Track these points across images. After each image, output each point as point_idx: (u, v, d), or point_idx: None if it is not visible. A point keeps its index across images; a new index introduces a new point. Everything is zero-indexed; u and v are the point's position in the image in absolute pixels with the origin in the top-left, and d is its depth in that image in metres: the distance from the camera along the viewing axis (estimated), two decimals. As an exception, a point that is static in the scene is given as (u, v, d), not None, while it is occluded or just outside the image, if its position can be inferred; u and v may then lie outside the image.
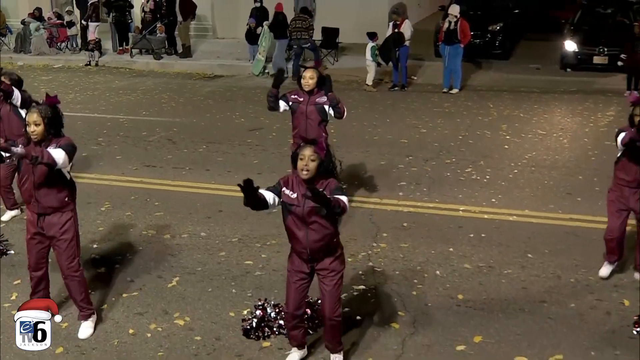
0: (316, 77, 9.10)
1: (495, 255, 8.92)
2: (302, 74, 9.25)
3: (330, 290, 6.19)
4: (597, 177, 11.55)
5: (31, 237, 6.91)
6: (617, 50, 19.27)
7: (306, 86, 9.08)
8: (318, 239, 6.01)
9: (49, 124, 6.53)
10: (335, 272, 6.18)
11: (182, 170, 12.34)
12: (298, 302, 6.30)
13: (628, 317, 7.34)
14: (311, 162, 5.84)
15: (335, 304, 6.23)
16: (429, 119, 15.96)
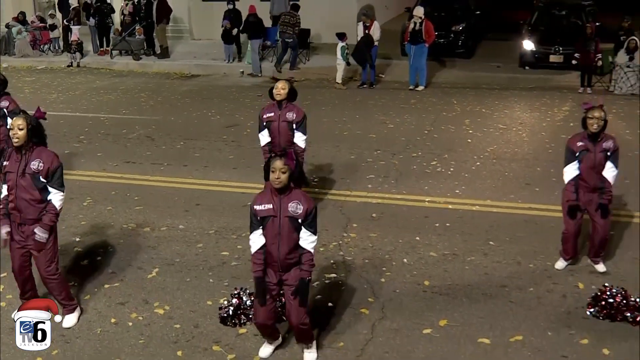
0: (288, 88, 9.00)
1: (459, 244, 8.95)
2: (275, 84, 9.15)
3: (296, 301, 6.11)
4: (554, 168, 11.58)
5: (13, 242, 6.85)
6: (571, 49, 19.41)
7: (278, 96, 8.99)
8: (289, 251, 5.99)
9: (32, 130, 6.55)
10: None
11: (161, 166, 12.27)
12: (268, 314, 6.20)
13: (582, 299, 7.42)
14: (282, 174, 5.84)
15: (301, 314, 6.15)
16: (396, 115, 15.97)
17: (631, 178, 10.96)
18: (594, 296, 7.21)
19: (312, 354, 6.48)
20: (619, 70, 18.26)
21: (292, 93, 9.04)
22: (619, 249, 8.74)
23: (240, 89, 19.53)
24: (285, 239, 5.95)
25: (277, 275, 6.12)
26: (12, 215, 6.76)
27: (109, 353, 6.61)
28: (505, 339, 6.76)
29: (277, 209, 5.93)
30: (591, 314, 7.13)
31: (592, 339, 6.73)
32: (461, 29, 22.56)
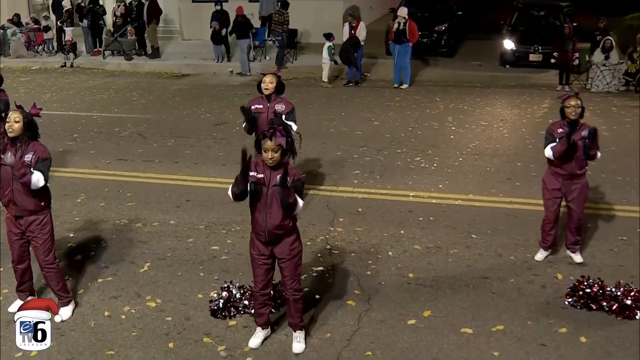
0: (275, 82, 8.95)
1: (442, 237, 8.97)
2: (263, 78, 9.10)
3: (290, 271, 6.26)
4: (534, 163, 11.66)
5: (12, 234, 6.88)
6: (549, 48, 19.48)
7: (266, 90, 8.94)
8: (276, 222, 6.03)
9: (27, 124, 6.59)
10: (292, 256, 6.23)
11: (152, 163, 12.22)
12: (265, 282, 6.34)
13: (561, 289, 7.46)
14: (274, 154, 5.91)
15: (294, 280, 6.30)
16: (381, 112, 15.97)
17: (607, 173, 11.01)
18: (572, 287, 7.25)
19: (301, 344, 6.49)
20: (595, 68, 18.33)
21: (280, 86, 9.01)
22: (596, 240, 8.78)
23: (230, 87, 19.49)
24: (273, 210, 6.00)
25: (267, 248, 6.18)
26: (9, 208, 6.76)
27: (103, 345, 6.59)
28: (487, 329, 6.79)
29: (268, 180, 5.99)
30: (569, 303, 7.17)
31: (570, 328, 6.77)
32: (444, 29, 22.61)
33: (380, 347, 6.49)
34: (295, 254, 6.25)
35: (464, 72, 20.90)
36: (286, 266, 6.25)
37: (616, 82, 18.29)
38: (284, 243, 6.18)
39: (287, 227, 6.13)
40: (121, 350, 6.50)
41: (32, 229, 6.79)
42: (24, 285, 7.15)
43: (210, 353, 6.46)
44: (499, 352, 6.39)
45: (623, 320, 6.88)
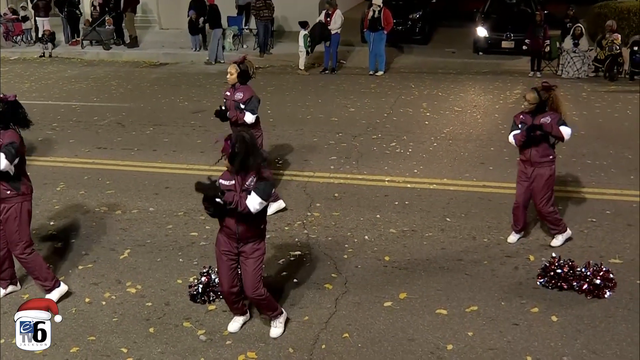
0: (237, 72, 8.87)
1: (417, 220, 9.00)
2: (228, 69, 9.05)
3: (251, 272, 6.12)
4: (506, 148, 11.67)
5: None
6: (521, 35, 19.60)
7: (229, 80, 8.94)
8: (246, 225, 5.96)
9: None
10: (256, 257, 6.12)
11: (131, 151, 12.14)
12: (231, 281, 6.22)
13: (533, 270, 7.52)
14: (225, 160, 5.90)
15: (255, 285, 6.15)
16: (357, 99, 15.97)
17: (577, 156, 11.10)
18: (544, 267, 7.30)
19: (278, 329, 6.48)
20: (565, 55, 18.45)
21: (243, 75, 8.93)
22: (567, 222, 8.79)
23: (207, 76, 19.38)
24: (242, 215, 5.87)
25: (235, 247, 6.11)
26: None
27: (84, 331, 6.55)
28: (461, 310, 6.82)
29: (238, 186, 5.90)
30: (541, 284, 7.22)
31: (542, 307, 6.82)
32: (418, 17, 22.66)
33: (357, 329, 6.51)
34: (258, 254, 6.13)
35: (438, 59, 20.96)
36: (248, 264, 6.11)
37: (586, 69, 18.42)
38: (250, 242, 6.09)
39: (257, 230, 6.06)
40: (102, 336, 6.47)
41: (4, 216, 6.63)
42: (4, 273, 7.05)
43: (190, 337, 6.44)
44: (473, 332, 6.43)
45: (592, 299, 6.95)
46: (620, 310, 6.77)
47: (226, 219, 6.02)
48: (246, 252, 6.11)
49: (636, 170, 10.62)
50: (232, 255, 6.15)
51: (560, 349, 6.16)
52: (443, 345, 6.25)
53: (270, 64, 20.15)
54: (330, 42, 19.13)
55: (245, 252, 6.11)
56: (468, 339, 6.33)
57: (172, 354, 6.20)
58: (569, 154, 10.66)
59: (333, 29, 19.08)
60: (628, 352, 6.11)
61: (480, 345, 6.23)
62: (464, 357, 6.07)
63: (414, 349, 6.20)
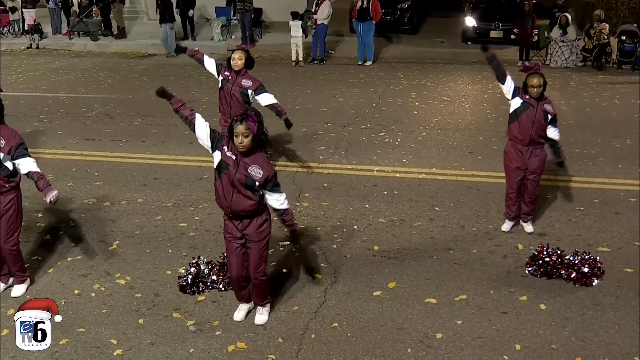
0: (244, 58, 8.98)
1: (406, 210, 9.01)
2: (232, 55, 9.12)
3: (254, 255, 6.16)
4: (495, 137, 11.76)
5: None
6: (510, 25, 19.63)
7: (235, 67, 8.98)
8: (241, 206, 5.93)
9: None
10: (260, 239, 6.13)
11: (120, 143, 12.09)
12: (239, 266, 6.21)
13: (521, 259, 7.55)
14: (245, 138, 5.72)
15: (258, 265, 6.20)
16: (346, 89, 15.97)
17: (566, 145, 11.11)
18: (532, 256, 7.33)
19: (263, 316, 6.50)
20: (554, 44, 18.51)
21: (249, 62, 9.04)
22: (554, 211, 8.89)
23: (195, 67, 19.01)
24: (237, 194, 5.87)
25: (238, 229, 6.08)
26: None
27: (73, 323, 6.52)
28: (450, 298, 6.84)
29: (236, 165, 5.84)
30: (529, 272, 7.25)
31: (530, 296, 6.85)
32: (406, 7, 22.67)
33: (347, 319, 6.52)
34: (262, 237, 6.14)
35: (426, 49, 20.98)
36: (252, 248, 6.15)
37: (574, 58, 18.49)
38: (253, 224, 6.06)
39: (252, 209, 5.98)
40: (92, 328, 6.45)
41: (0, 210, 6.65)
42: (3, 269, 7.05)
43: (180, 328, 6.43)
44: (462, 320, 6.46)
45: (581, 287, 6.99)
46: (608, 298, 6.81)
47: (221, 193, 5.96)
48: (250, 236, 6.09)
49: (623, 159, 10.68)
50: (238, 239, 6.13)
51: (549, 337, 6.19)
52: (432, 334, 6.26)
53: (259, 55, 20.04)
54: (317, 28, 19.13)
55: (249, 235, 6.09)
56: (457, 328, 6.35)
57: (161, 344, 6.19)
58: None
59: (320, 19, 19.05)
60: (616, 339, 6.14)
61: (469, 334, 6.26)
62: (453, 346, 6.09)
63: (403, 337, 6.22)
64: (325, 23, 19.16)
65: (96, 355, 6.05)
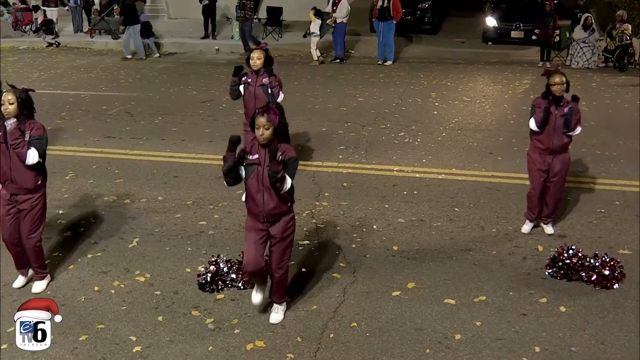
0: (263, 57, 8.99)
1: (426, 210, 8.99)
2: (251, 54, 9.14)
3: (279, 251, 6.22)
4: (515, 138, 11.71)
5: (6, 213, 6.82)
6: (531, 25, 19.52)
7: (254, 66, 9.00)
8: (273, 202, 5.98)
9: (22, 104, 6.57)
10: (286, 237, 6.18)
11: (140, 140, 12.15)
12: (257, 258, 6.16)
13: (541, 261, 7.50)
14: (266, 130, 5.80)
15: (281, 262, 6.26)
16: (366, 89, 15.95)
17: (587, 147, 11.06)
18: (552, 258, 7.29)
19: (279, 315, 6.51)
20: (575, 45, 18.39)
21: (268, 61, 9.04)
22: (575, 213, 8.83)
23: (215, 65, 19.39)
24: (270, 191, 5.93)
25: (263, 225, 6.12)
26: (5, 185, 6.74)
27: (93, 319, 6.57)
28: (469, 300, 6.82)
29: (262, 160, 5.90)
30: (549, 274, 7.21)
31: (550, 298, 6.81)
32: (427, 6, 22.59)
33: (365, 318, 6.52)
34: (288, 234, 6.20)
35: (447, 49, 20.90)
36: (277, 246, 6.18)
37: (596, 59, 18.36)
38: (281, 222, 6.11)
39: (284, 207, 6.08)
40: (111, 324, 6.49)
41: (25, 207, 6.75)
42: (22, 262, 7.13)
43: (199, 326, 6.46)
44: (481, 322, 6.43)
45: (601, 290, 6.94)
46: (628, 301, 6.76)
47: (252, 198, 6.02)
48: (277, 236, 6.14)
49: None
50: (262, 232, 6.14)
51: (569, 340, 6.16)
52: (451, 334, 6.25)
53: (278, 54, 20.11)
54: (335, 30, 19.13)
55: (275, 233, 6.13)
56: (476, 329, 6.33)
57: (180, 342, 6.21)
58: (578, 144, 10.59)
59: (338, 18, 19.04)
60: (636, 343, 6.10)
61: (488, 335, 6.23)
62: (472, 347, 6.07)
63: (422, 338, 6.21)
64: (344, 22, 19.16)
65: (115, 352, 6.09)
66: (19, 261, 7.11)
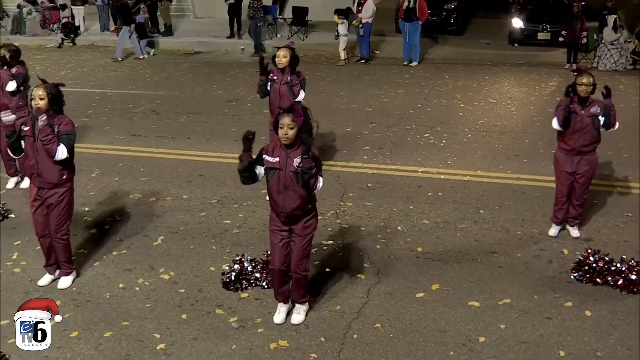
0: (289, 55, 9.01)
1: (450, 212, 8.95)
2: (277, 52, 9.16)
3: (298, 249, 6.22)
4: (541, 140, 11.63)
5: (35, 208, 6.92)
6: (558, 27, 19.36)
7: (280, 64, 9.02)
8: (295, 203, 5.99)
9: (52, 100, 6.66)
10: (305, 235, 6.19)
11: (165, 139, 12.22)
12: (283, 258, 6.24)
13: (567, 264, 7.45)
14: (290, 130, 5.81)
15: (301, 260, 6.26)
16: (391, 89, 15.92)
17: (614, 150, 10.95)
18: (578, 261, 7.23)
19: (300, 315, 6.52)
20: (603, 47, 18.22)
21: (294, 60, 9.05)
22: (602, 216, 8.75)
23: (241, 65, 19.45)
24: (291, 192, 5.95)
25: (285, 225, 6.16)
26: (32, 179, 6.85)
27: (118, 316, 6.63)
28: (494, 302, 6.79)
29: (284, 163, 5.93)
30: (575, 278, 7.15)
31: (575, 302, 6.76)
32: (453, 7, 22.47)
33: (389, 320, 6.51)
34: (308, 232, 6.21)
35: (472, 50, 20.80)
36: (297, 242, 6.21)
37: (623, 61, 18.18)
38: (301, 220, 6.15)
39: (306, 207, 6.10)
40: (135, 322, 6.54)
41: (51, 201, 6.82)
42: (51, 259, 7.20)
43: (223, 324, 6.49)
44: (505, 325, 6.40)
45: (627, 294, 6.87)
46: (656, 306, 6.69)
47: (274, 199, 6.06)
48: (296, 232, 6.17)
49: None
50: (284, 231, 6.19)
51: (594, 344, 6.11)
52: (475, 337, 6.22)
53: (304, 54, 20.10)
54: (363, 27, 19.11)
55: (295, 231, 6.17)
56: (500, 332, 6.30)
57: (204, 340, 6.25)
58: (605, 148, 10.46)
59: (364, 18, 19.02)
60: (663, 348, 6.04)
61: (512, 338, 6.20)
62: (496, 350, 6.04)
63: (446, 340, 6.19)
64: (370, 22, 19.14)
65: (139, 349, 6.14)
66: (49, 257, 7.18)
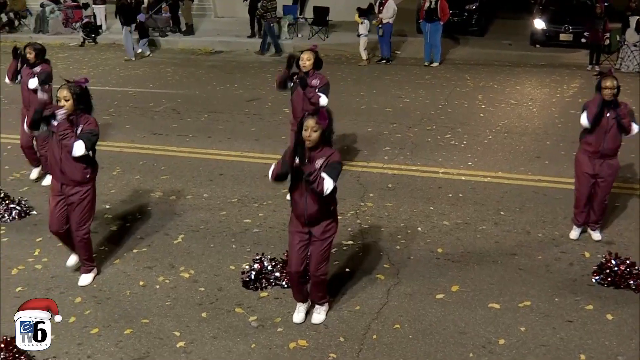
0: (313, 58, 8.91)
1: (471, 213, 8.92)
2: (300, 55, 9.09)
3: (317, 253, 6.19)
4: (563, 142, 11.55)
5: (55, 204, 6.97)
6: (580, 28, 19.22)
7: (304, 67, 8.92)
8: (315, 206, 5.98)
9: (77, 99, 6.67)
10: (325, 239, 6.17)
11: (186, 138, 12.27)
12: (300, 261, 6.23)
13: (588, 267, 7.40)
14: (313, 133, 5.77)
15: (320, 263, 6.23)
16: (412, 90, 15.89)
17: (637, 152, 10.86)
18: (599, 264, 7.19)
19: (321, 315, 6.53)
20: (625, 48, 18.06)
21: (318, 62, 8.99)
22: (624, 219, 8.69)
23: (262, 64, 19.49)
24: (312, 195, 5.92)
25: (305, 227, 6.15)
26: (55, 175, 6.90)
27: (138, 314, 6.67)
28: (514, 304, 6.76)
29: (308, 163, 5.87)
30: (596, 281, 7.11)
31: (596, 305, 6.72)
32: (474, 8, 22.40)
33: (409, 321, 6.50)
34: (327, 236, 6.18)
35: (494, 51, 20.71)
36: (316, 246, 6.18)
37: (647, 63, 18.00)
38: (321, 224, 6.13)
39: (326, 211, 6.08)
40: (155, 319, 6.58)
41: (74, 199, 6.87)
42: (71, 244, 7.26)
43: (242, 323, 6.51)
44: (525, 327, 6.37)
45: (650, 298, 6.83)
46: (678, 310, 6.64)
47: (295, 201, 6.06)
48: (316, 235, 6.14)
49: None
50: (303, 234, 6.18)
51: (615, 349, 6.07)
52: (495, 339, 6.20)
53: (324, 54, 20.09)
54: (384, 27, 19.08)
55: (315, 234, 6.14)
56: (520, 334, 6.27)
57: (224, 338, 6.27)
58: (627, 150, 10.40)
59: (385, 18, 18.99)
60: (686, 353, 5.99)
61: (532, 341, 6.17)
62: (516, 353, 6.02)
63: (465, 342, 6.17)
64: (391, 22, 19.11)
65: (159, 346, 6.17)
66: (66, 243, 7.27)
